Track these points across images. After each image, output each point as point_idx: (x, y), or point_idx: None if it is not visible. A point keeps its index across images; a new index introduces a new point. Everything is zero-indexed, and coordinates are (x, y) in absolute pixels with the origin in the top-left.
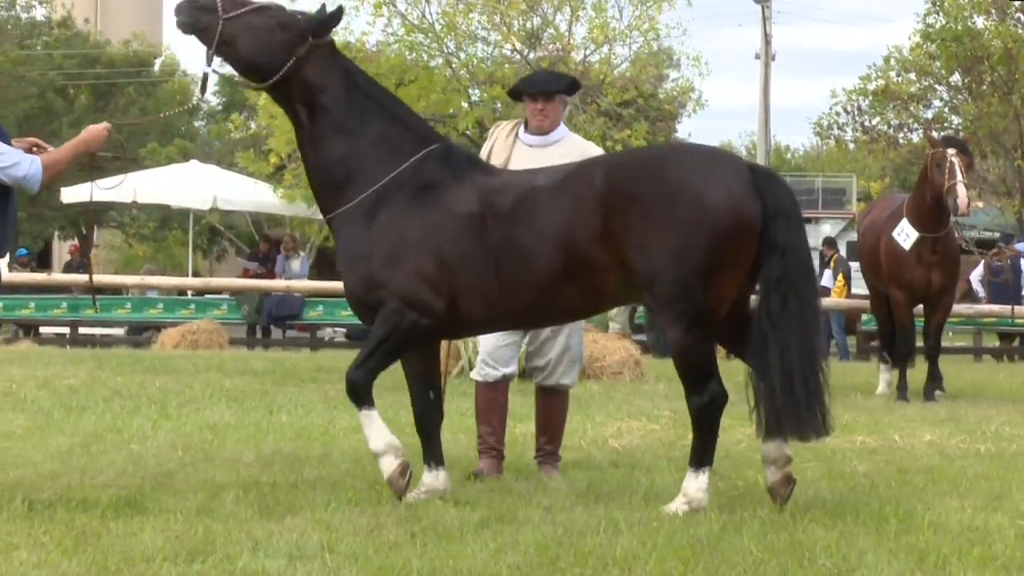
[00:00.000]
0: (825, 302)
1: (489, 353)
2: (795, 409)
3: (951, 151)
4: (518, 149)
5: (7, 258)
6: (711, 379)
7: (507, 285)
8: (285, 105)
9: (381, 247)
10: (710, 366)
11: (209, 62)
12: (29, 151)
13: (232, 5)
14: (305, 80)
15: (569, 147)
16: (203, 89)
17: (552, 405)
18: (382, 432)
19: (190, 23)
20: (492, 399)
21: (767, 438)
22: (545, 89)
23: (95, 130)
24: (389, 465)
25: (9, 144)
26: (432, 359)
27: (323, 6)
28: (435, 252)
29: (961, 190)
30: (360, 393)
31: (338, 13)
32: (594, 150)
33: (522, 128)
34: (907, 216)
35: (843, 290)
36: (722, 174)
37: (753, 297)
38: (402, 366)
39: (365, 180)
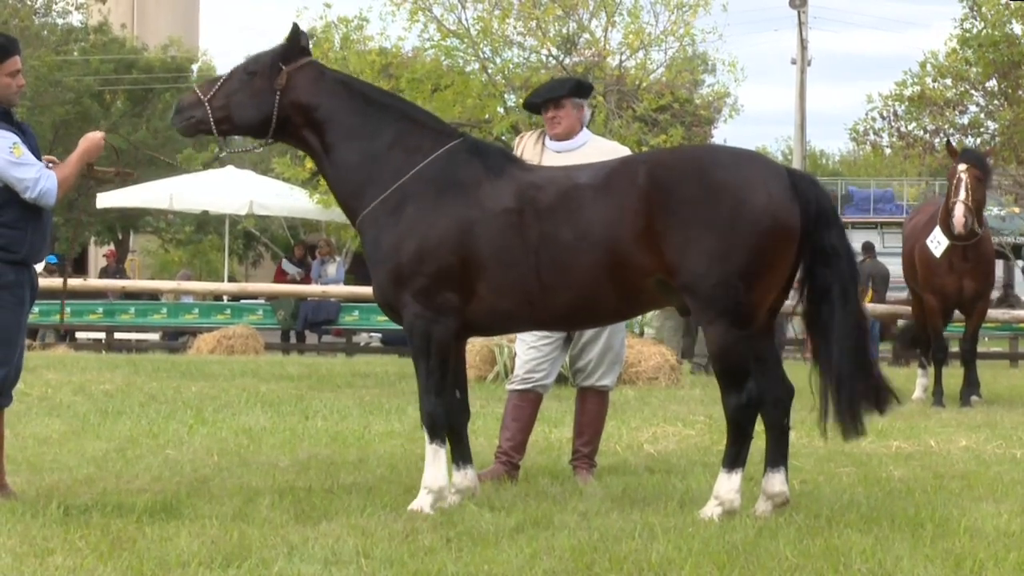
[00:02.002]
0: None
1: (524, 364)
2: (842, 413)
3: (961, 167)
4: (547, 156)
5: (41, 265)
6: (748, 380)
7: (547, 282)
8: (296, 141)
9: (407, 243)
10: (748, 367)
11: (221, 148)
12: None
13: (208, 87)
14: (298, 104)
15: (596, 149)
16: (206, 166)
17: (590, 406)
18: (441, 473)
19: (187, 124)
20: (518, 408)
21: (774, 470)
22: (549, 96)
23: (93, 139)
24: (426, 503)
25: (38, 154)
26: (457, 359)
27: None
28: (464, 250)
29: (959, 210)
30: (437, 426)
31: (294, 32)
32: (622, 150)
33: (547, 136)
34: (939, 223)
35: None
36: (762, 175)
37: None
38: None
39: (385, 181)
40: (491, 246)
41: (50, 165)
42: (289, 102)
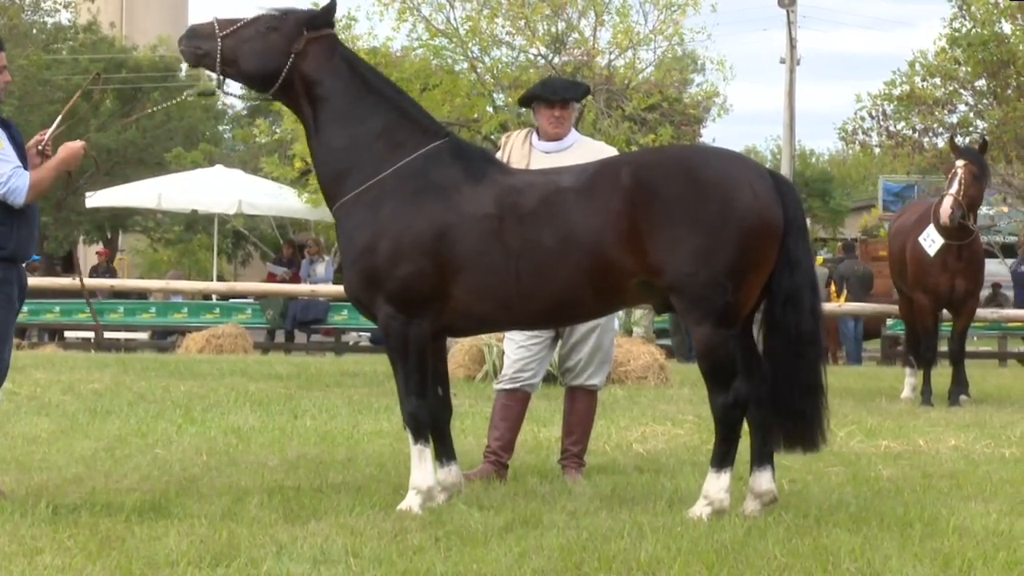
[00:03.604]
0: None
1: (513, 364)
2: (795, 422)
3: (959, 162)
4: (535, 157)
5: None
6: (735, 379)
7: (527, 286)
8: (294, 106)
9: (381, 244)
10: (735, 366)
11: (220, 85)
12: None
13: (227, 24)
14: (303, 74)
15: (585, 150)
16: (200, 94)
17: (579, 406)
18: (429, 473)
19: (192, 52)
20: (506, 407)
21: (761, 468)
22: (566, 96)
23: (73, 148)
24: (414, 504)
25: (23, 149)
26: (439, 356)
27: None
28: (440, 254)
29: (946, 202)
30: (420, 427)
31: (331, 5)
32: (609, 150)
33: (535, 136)
34: (933, 222)
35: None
36: (747, 175)
37: None
38: None
39: (365, 172)
40: (469, 251)
41: (42, 147)
42: (297, 67)
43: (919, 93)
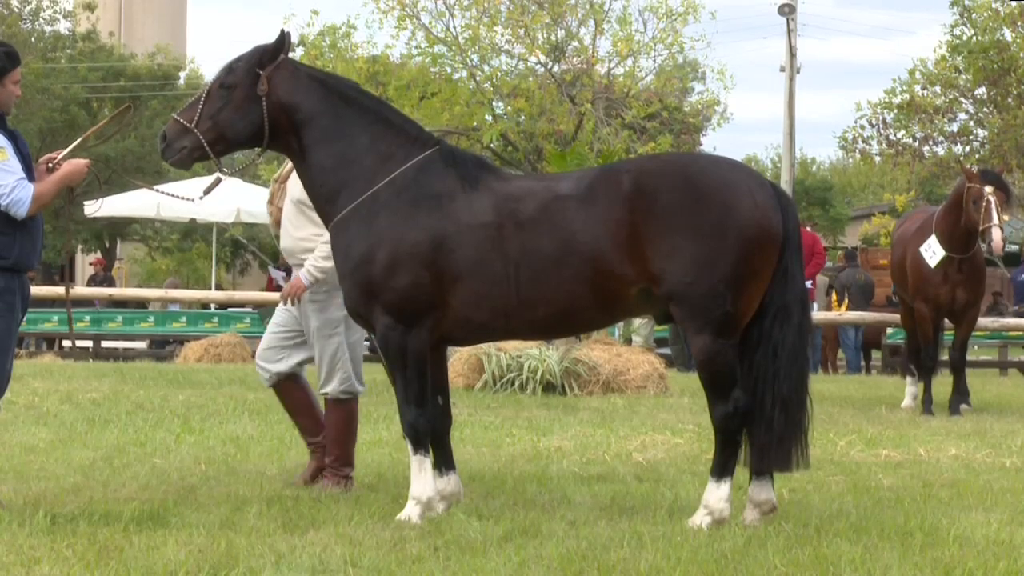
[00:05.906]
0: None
1: (259, 355)
2: (781, 441)
3: (988, 189)
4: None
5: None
6: (735, 388)
7: (526, 295)
8: (284, 146)
9: (378, 255)
10: (735, 375)
11: (220, 168)
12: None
13: (189, 113)
14: (281, 105)
15: None
16: (207, 191)
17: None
18: (429, 483)
19: (181, 156)
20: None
21: (760, 478)
22: None
23: (77, 165)
24: (414, 514)
25: (28, 160)
26: (439, 365)
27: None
28: (437, 264)
29: (996, 234)
30: (420, 436)
31: (280, 40)
32: None
33: None
34: (936, 234)
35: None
36: (748, 184)
37: None
38: None
39: (358, 187)
40: (466, 260)
41: (53, 164)
42: (274, 105)
43: (919, 101)
